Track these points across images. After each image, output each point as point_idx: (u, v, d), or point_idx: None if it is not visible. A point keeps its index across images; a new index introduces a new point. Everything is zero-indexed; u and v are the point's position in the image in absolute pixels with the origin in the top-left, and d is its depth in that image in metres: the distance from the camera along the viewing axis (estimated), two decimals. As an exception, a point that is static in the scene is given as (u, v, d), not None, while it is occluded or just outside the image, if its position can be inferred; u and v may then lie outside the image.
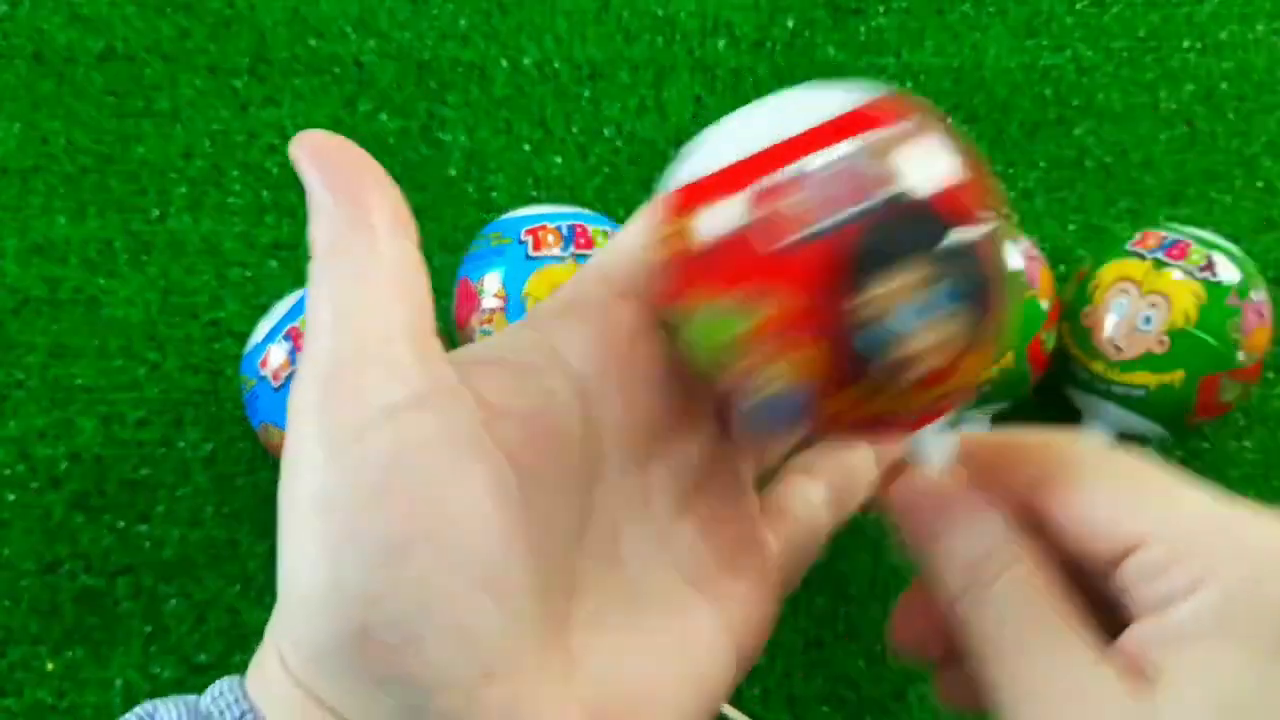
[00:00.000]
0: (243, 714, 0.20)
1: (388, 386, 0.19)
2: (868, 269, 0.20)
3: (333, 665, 0.19)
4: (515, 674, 0.19)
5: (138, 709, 0.21)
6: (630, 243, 0.24)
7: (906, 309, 0.20)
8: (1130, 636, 0.21)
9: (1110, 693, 0.20)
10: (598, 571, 0.22)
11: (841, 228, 0.19)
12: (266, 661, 0.21)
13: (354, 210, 0.20)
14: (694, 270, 0.21)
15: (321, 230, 0.20)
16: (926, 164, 0.20)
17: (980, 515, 0.22)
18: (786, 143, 0.20)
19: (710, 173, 0.20)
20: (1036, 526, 0.22)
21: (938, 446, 0.23)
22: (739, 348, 0.20)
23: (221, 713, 0.20)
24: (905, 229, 0.20)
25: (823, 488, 0.27)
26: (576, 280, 0.24)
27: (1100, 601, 0.22)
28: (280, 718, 0.20)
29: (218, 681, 0.21)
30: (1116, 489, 0.21)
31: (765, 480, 0.28)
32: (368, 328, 0.19)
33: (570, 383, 0.22)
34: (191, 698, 0.21)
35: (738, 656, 0.23)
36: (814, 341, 0.20)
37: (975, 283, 0.20)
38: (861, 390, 0.20)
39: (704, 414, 0.24)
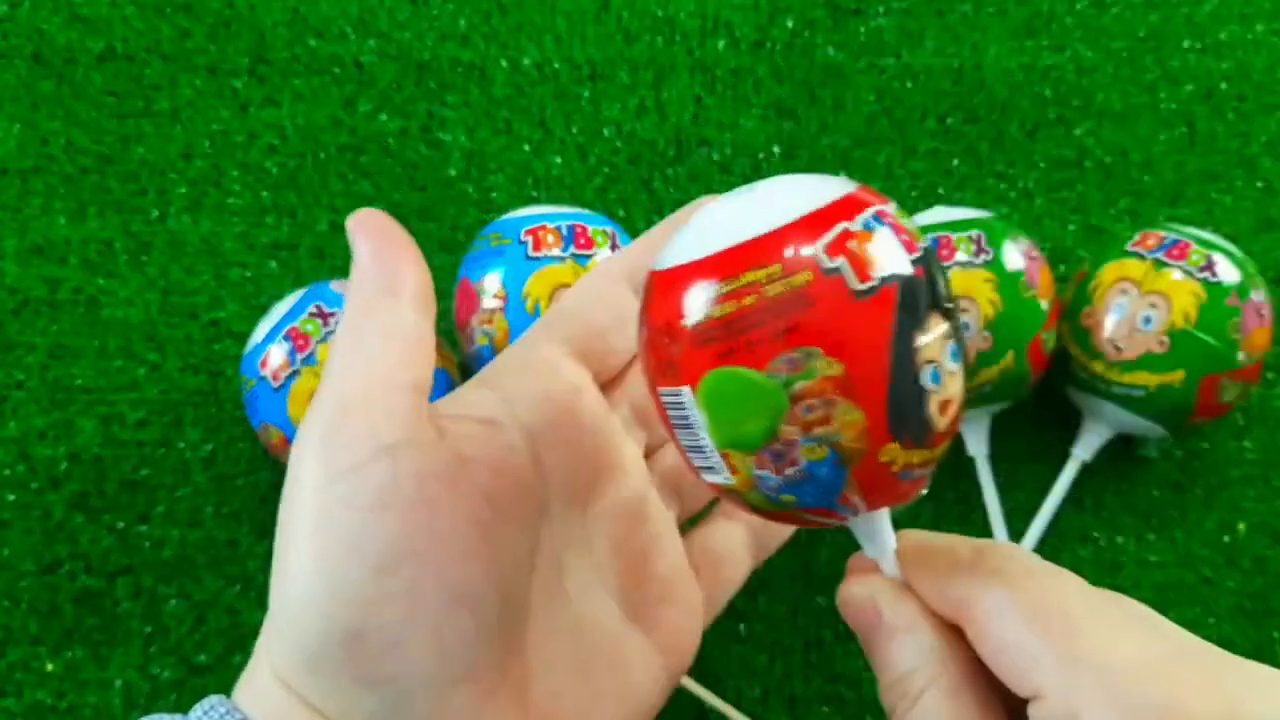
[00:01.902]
0: None
1: (388, 428, 0.22)
2: (908, 324, 0.20)
3: (322, 667, 0.21)
4: (482, 680, 0.22)
5: None
6: (575, 305, 0.27)
7: (933, 365, 0.21)
8: None
9: None
10: (545, 601, 0.25)
11: (884, 285, 0.20)
12: (256, 673, 0.23)
13: (391, 281, 0.24)
14: (735, 337, 0.21)
15: (358, 289, 0.24)
16: (919, 234, 0.22)
17: (910, 631, 0.23)
18: (815, 214, 0.21)
19: (742, 241, 0.21)
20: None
21: (886, 534, 0.24)
22: (782, 415, 0.20)
23: None
24: (927, 287, 0.21)
25: (744, 531, 0.31)
26: (529, 339, 0.27)
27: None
28: None
29: (204, 699, 0.23)
30: (1019, 634, 0.22)
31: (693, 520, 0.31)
32: (378, 377, 0.23)
33: (524, 436, 0.25)
34: (178, 717, 0.23)
35: (668, 674, 0.27)
36: (864, 403, 0.20)
37: (963, 339, 0.22)
38: (902, 447, 0.21)
39: (637, 463, 0.28)
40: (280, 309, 0.41)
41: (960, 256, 0.42)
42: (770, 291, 0.20)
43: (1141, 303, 0.42)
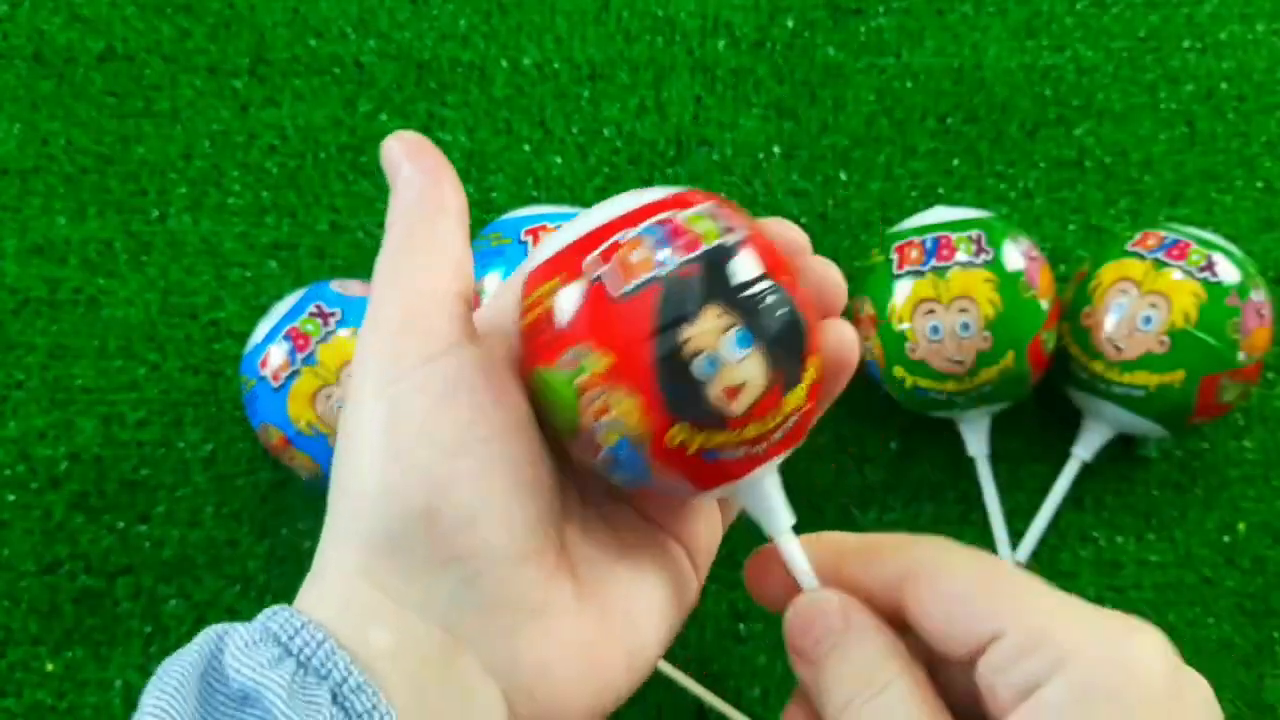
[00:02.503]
0: (302, 625, 0.23)
1: (450, 329, 0.24)
2: (669, 319, 0.23)
3: (403, 546, 0.23)
4: (545, 558, 0.25)
5: (203, 634, 0.24)
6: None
7: (705, 354, 0.23)
8: None
9: None
10: (579, 499, 0.27)
11: (645, 286, 0.23)
12: (324, 574, 0.24)
13: (437, 199, 0.25)
14: (536, 339, 0.24)
15: (405, 208, 0.25)
16: (722, 233, 0.24)
17: (873, 627, 0.24)
18: (605, 225, 0.24)
19: (549, 256, 0.25)
20: (903, 628, 0.25)
21: (779, 505, 0.26)
22: (575, 405, 0.24)
23: (291, 637, 0.23)
24: (700, 284, 0.23)
25: None
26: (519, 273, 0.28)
27: (968, 705, 0.24)
28: (341, 616, 0.23)
29: (267, 609, 0.24)
30: (970, 585, 0.24)
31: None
32: (437, 288, 0.25)
33: None
34: (240, 624, 0.24)
35: (695, 566, 0.29)
36: (636, 389, 0.23)
37: (769, 328, 0.23)
38: (685, 430, 0.23)
39: None
40: (280, 309, 0.41)
41: (960, 256, 0.42)
42: (549, 303, 0.24)
43: (1142, 303, 0.42)
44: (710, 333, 0.23)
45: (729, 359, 0.23)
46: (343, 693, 0.22)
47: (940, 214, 0.44)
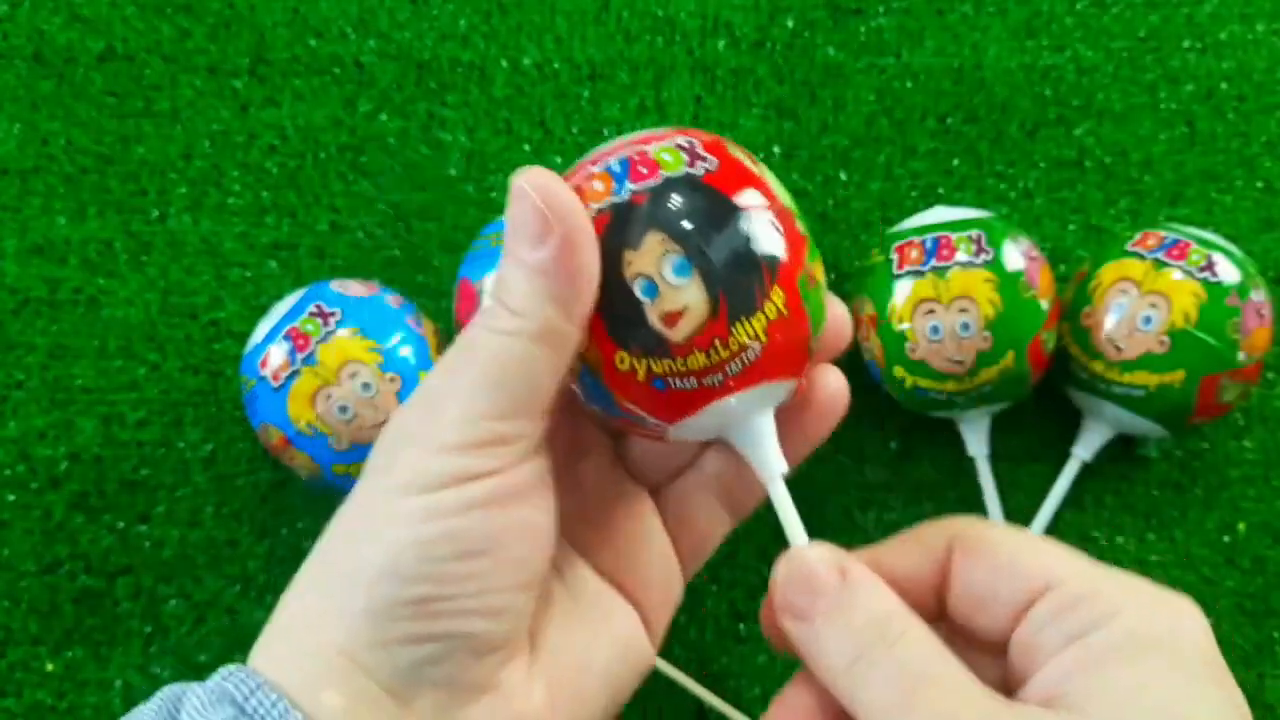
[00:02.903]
0: (258, 686, 0.23)
1: (530, 444, 0.24)
2: (614, 245, 0.23)
3: (379, 622, 0.23)
4: (514, 646, 0.25)
5: (160, 694, 0.24)
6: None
7: (644, 278, 0.23)
8: (1042, 678, 0.22)
9: (1030, 711, 0.21)
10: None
11: (597, 214, 0.24)
12: (292, 633, 0.24)
13: (569, 308, 0.23)
14: None
15: (536, 281, 0.23)
16: (687, 164, 0.24)
17: (871, 584, 0.24)
18: (591, 159, 0.25)
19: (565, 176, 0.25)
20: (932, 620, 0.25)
21: (769, 450, 0.26)
22: None
23: (246, 698, 0.23)
24: (646, 211, 0.24)
25: (712, 493, 0.31)
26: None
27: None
28: (299, 676, 0.23)
29: (222, 668, 0.24)
30: (1016, 548, 0.24)
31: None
32: (502, 405, 0.24)
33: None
34: (195, 685, 0.24)
35: (651, 632, 0.29)
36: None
37: (714, 258, 0.23)
38: (633, 355, 0.24)
39: (601, 438, 0.29)
40: (280, 309, 0.41)
41: (960, 256, 0.42)
42: None
43: (1141, 303, 0.42)
44: (649, 256, 0.23)
45: (667, 283, 0.23)
46: None
47: (940, 214, 0.44)
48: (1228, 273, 0.41)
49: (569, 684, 0.26)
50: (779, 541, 0.45)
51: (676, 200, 0.24)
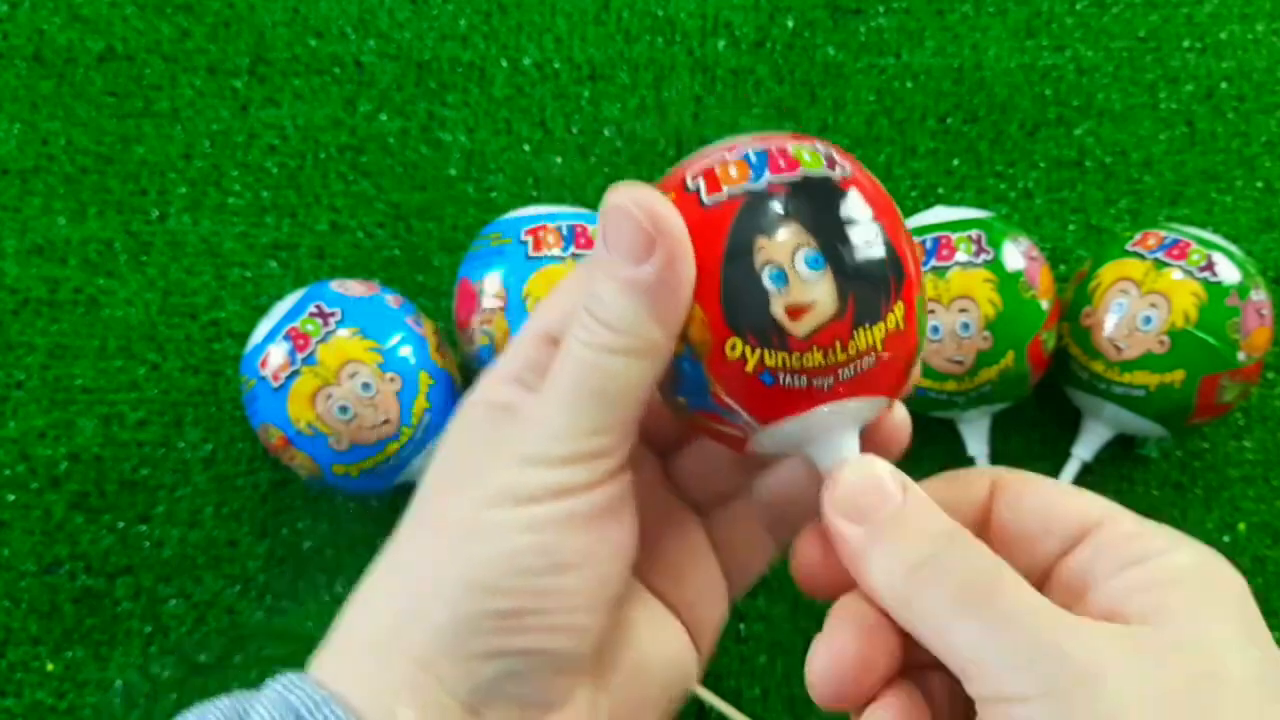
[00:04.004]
0: (323, 699, 0.23)
1: (621, 461, 0.24)
2: (747, 229, 0.23)
3: (461, 634, 0.23)
4: (586, 667, 0.25)
5: (219, 704, 0.24)
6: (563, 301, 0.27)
7: (774, 266, 0.23)
8: (1101, 597, 0.23)
9: (1104, 629, 0.21)
10: None
11: (732, 197, 0.23)
12: (360, 642, 0.24)
13: (668, 324, 0.23)
14: None
15: (629, 300, 0.23)
16: (826, 167, 0.24)
17: (929, 503, 0.24)
18: (719, 149, 0.24)
19: (669, 173, 0.25)
20: None
21: (847, 448, 0.25)
22: None
23: (312, 711, 0.23)
24: (785, 202, 0.23)
25: (759, 518, 0.30)
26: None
27: None
28: (370, 690, 0.23)
29: (280, 676, 0.24)
30: (1063, 491, 0.25)
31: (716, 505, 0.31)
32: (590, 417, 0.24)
33: None
34: (250, 692, 0.24)
35: (699, 648, 0.29)
36: (701, 297, 0.23)
37: (848, 257, 0.23)
38: (748, 344, 0.23)
39: (647, 455, 0.29)
40: (280, 309, 0.41)
41: (960, 256, 0.42)
42: None
43: (1142, 303, 0.42)
44: (784, 246, 0.23)
45: (799, 275, 0.23)
46: None
47: (940, 214, 0.44)
48: (1228, 273, 0.41)
49: (629, 700, 0.26)
50: (779, 541, 0.45)
51: (815, 197, 0.23)
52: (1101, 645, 0.21)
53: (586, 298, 0.24)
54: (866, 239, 0.23)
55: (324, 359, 0.39)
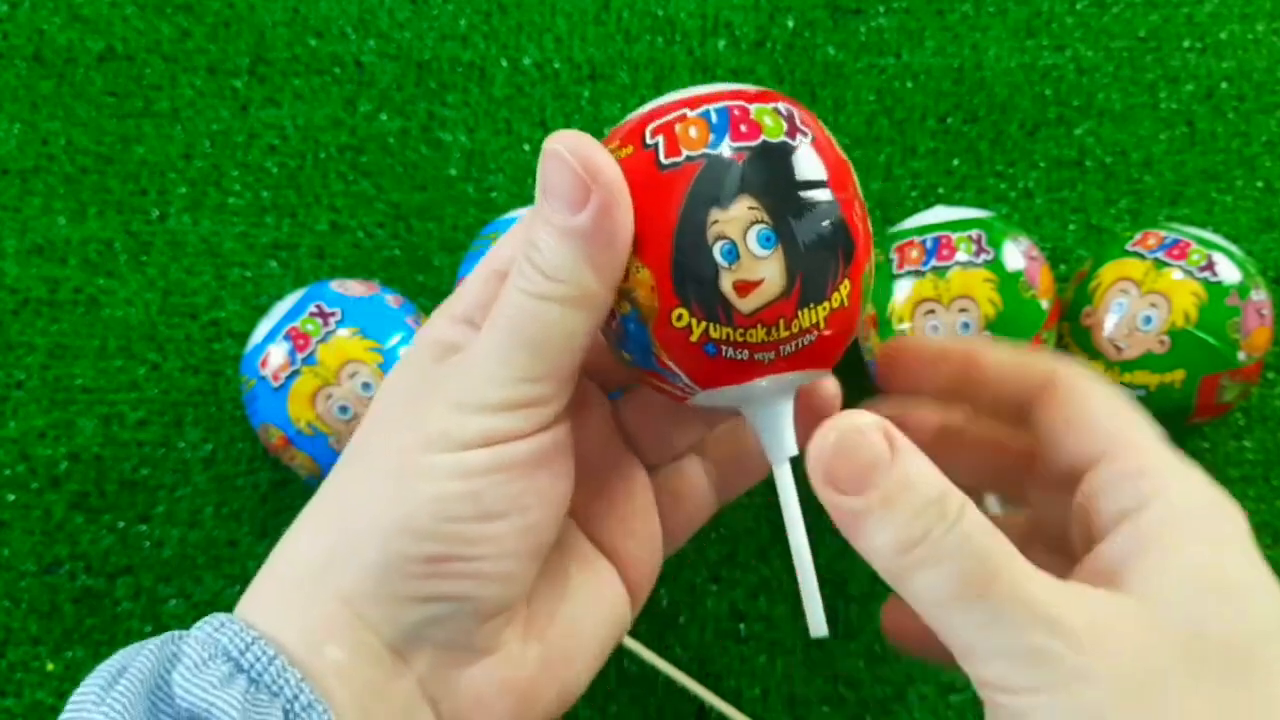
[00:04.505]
0: (253, 640, 0.23)
1: (562, 405, 0.25)
2: (702, 198, 0.23)
3: (389, 578, 0.23)
4: (514, 611, 0.25)
5: (155, 644, 0.23)
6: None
7: (727, 241, 0.22)
8: (1099, 558, 0.23)
9: (1092, 595, 0.22)
10: None
11: (689, 161, 0.23)
12: (287, 579, 0.24)
13: (604, 273, 0.23)
14: None
15: (561, 241, 0.23)
16: (786, 133, 0.23)
17: (918, 458, 0.22)
18: (680, 101, 0.24)
19: (624, 122, 0.24)
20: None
21: (786, 433, 0.25)
22: None
23: (243, 652, 0.23)
24: (743, 171, 0.23)
25: (706, 474, 0.31)
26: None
27: None
28: (299, 628, 0.23)
29: (213, 619, 0.23)
30: (1099, 406, 0.25)
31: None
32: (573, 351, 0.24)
33: None
34: (178, 632, 0.24)
35: (632, 600, 0.29)
36: (650, 262, 0.23)
37: (802, 235, 0.23)
38: (693, 315, 0.23)
39: (600, 396, 0.29)
40: (280, 309, 0.41)
41: (960, 256, 0.42)
42: None
43: (1142, 302, 0.42)
44: (738, 221, 0.22)
45: (750, 252, 0.22)
46: (294, 710, 0.22)
47: (940, 214, 0.44)
48: (1228, 272, 0.41)
49: (560, 647, 0.27)
50: (779, 541, 0.45)
51: (774, 169, 0.23)
52: (1100, 629, 0.21)
53: (525, 245, 0.23)
54: (820, 216, 0.23)
55: (324, 359, 0.39)
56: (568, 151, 0.22)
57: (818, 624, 0.25)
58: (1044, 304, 0.42)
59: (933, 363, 0.29)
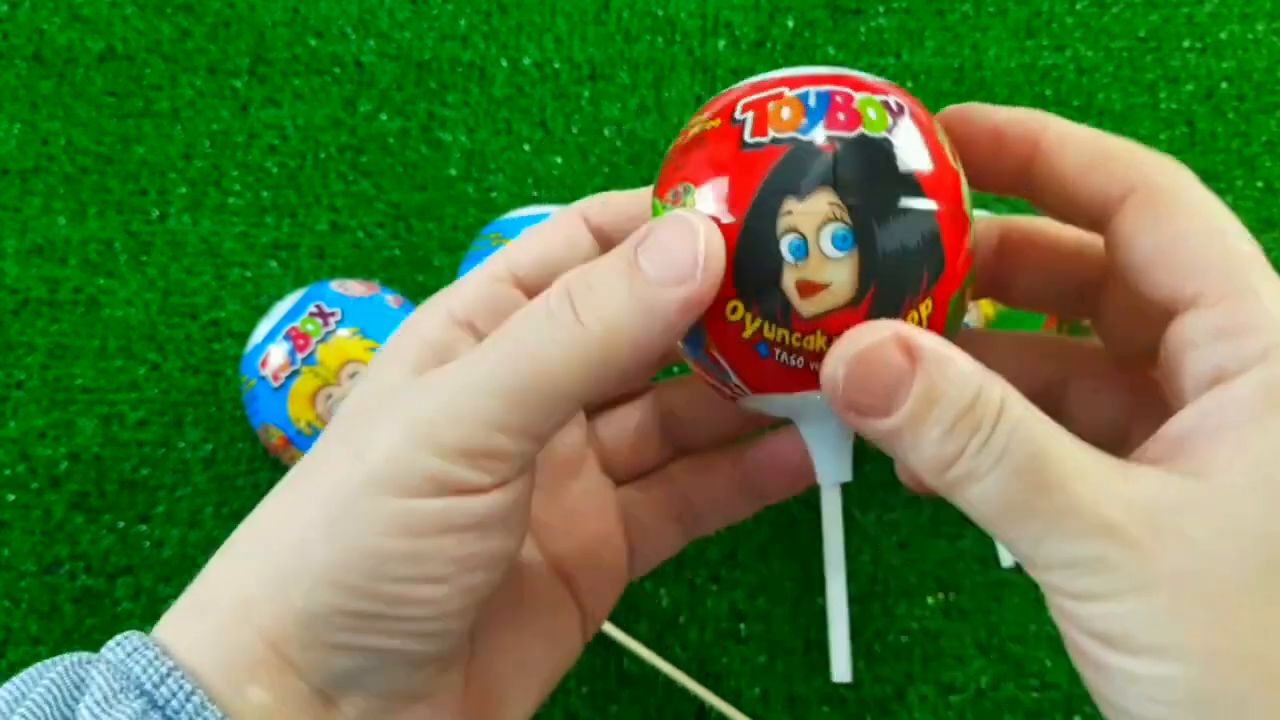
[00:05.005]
0: (169, 671, 0.21)
1: (521, 463, 0.22)
2: (779, 184, 0.20)
3: (315, 626, 0.21)
4: (449, 660, 0.23)
5: (58, 667, 0.21)
6: (536, 247, 0.25)
7: (797, 236, 0.20)
8: (1177, 422, 0.19)
9: (1157, 483, 0.19)
10: None
11: (774, 144, 0.21)
12: (213, 612, 0.22)
13: (642, 350, 0.21)
14: (667, 165, 0.22)
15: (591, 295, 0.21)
16: (891, 128, 0.21)
17: (945, 350, 0.20)
18: (784, 79, 0.22)
19: (724, 93, 0.22)
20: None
21: (840, 455, 0.23)
22: None
23: (157, 685, 0.21)
24: (830, 163, 0.20)
25: (667, 503, 0.29)
26: (490, 280, 0.24)
27: None
28: (223, 664, 0.21)
29: (125, 642, 0.22)
30: (1195, 226, 0.20)
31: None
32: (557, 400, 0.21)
33: None
34: (85, 655, 0.22)
35: (585, 628, 0.27)
36: None
37: (883, 243, 0.20)
38: (749, 310, 0.21)
39: (577, 416, 0.27)
40: (280, 309, 0.41)
41: (960, 256, 0.42)
42: (692, 132, 0.22)
43: (1142, 303, 0.42)
44: (814, 215, 0.20)
45: (821, 250, 0.20)
46: None
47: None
48: (1228, 273, 0.41)
49: (505, 682, 0.25)
50: (779, 541, 0.45)
51: (866, 165, 0.20)
52: (1165, 528, 0.18)
53: (574, 277, 0.21)
54: (909, 224, 0.20)
55: (324, 359, 0.39)
56: (702, 230, 0.20)
57: (843, 670, 0.24)
58: (1044, 304, 0.42)
59: (990, 146, 0.23)
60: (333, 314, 0.40)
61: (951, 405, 0.19)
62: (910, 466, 0.20)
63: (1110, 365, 0.25)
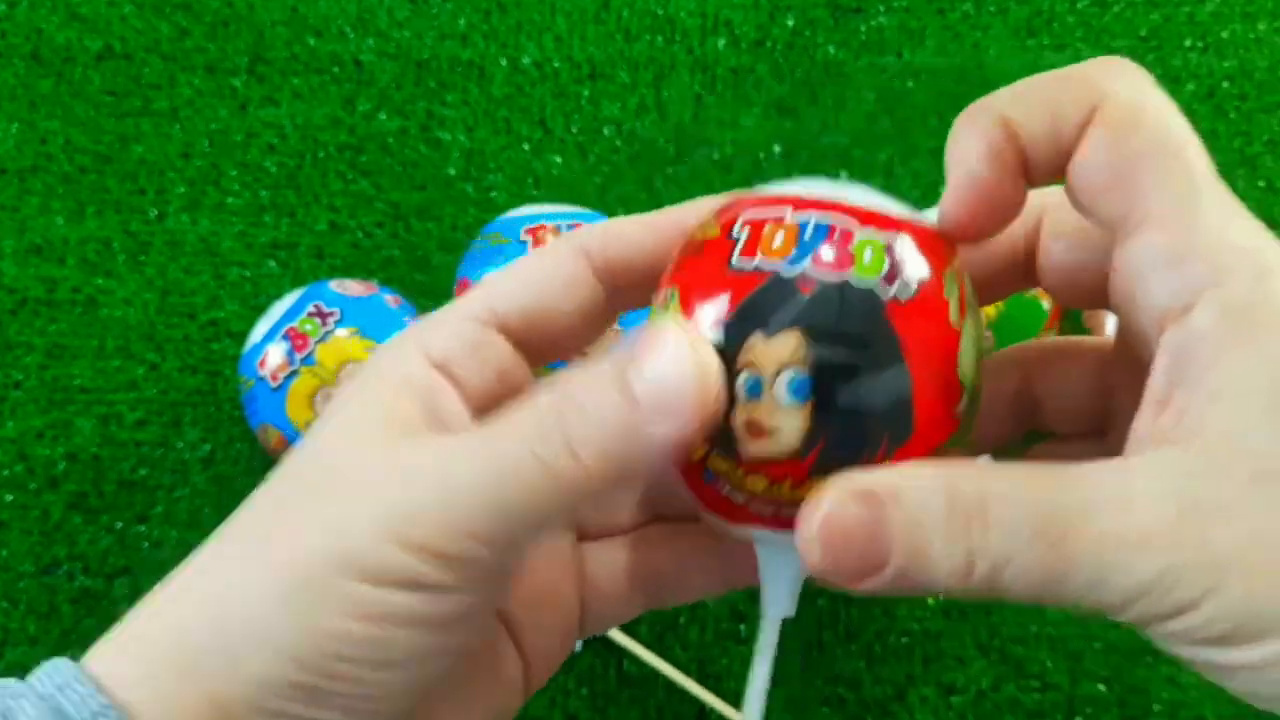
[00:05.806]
0: (101, 709, 0.20)
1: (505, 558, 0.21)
2: (749, 315, 0.20)
3: (260, 694, 0.20)
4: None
5: None
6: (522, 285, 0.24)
7: (755, 374, 0.20)
8: (1151, 390, 0.19)
9: (1139, 479, 0.18)
10: None
11: (756, 271, 0.20)
12: (152, 657, 0.21)
13: (627, 481, 0.20)
14: (680, 259, 0.22)
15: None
16: (883, 277, 0.20)
17: (915, 476, 0.19)
18: (794, 199, 0.21)
19: (735, 199, 0.22)
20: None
21: (786, 590, 0.22)
22: None
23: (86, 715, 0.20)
24: (805, 306, 0.20)
25: (626, 563, 0.27)
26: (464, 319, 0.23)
27: None
28: (163, 713, 0.20)
29: (56, 676, 0.21)
30: (1146, 148, 0.20)
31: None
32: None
33: None
34: (36, 695, 0.21)
35: (527, 685, 0.26)
36: None
37: (842, 399, 0.19)
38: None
39: None
40: (278, 309, 0.41)
41: (961, 256, 0.42)
42: (698, 235, 0.21)
43: (1143, 302, 0.42)
44: (774, 357, 0.20)
45: (774, 396, 0.20)
46: None
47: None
48: (1229, 272, 0.41)
49: None
50: (779, 542, 0.45)
51: (840, 314, 0.20)
52: (1154, 532, 0.18)
53: (567, 400, 0.20)
54: (876, 386, 0.20)
55: (323, 359, 0.39)
56: (701, 365, 0.19)
57: None
58: (1045, 304, 0.42)
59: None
60: (331, 314, 0.40)
61: (936, 521, 0.18)
62: (945, 594, 0.19)
63: (1075, 344, 0.24)
